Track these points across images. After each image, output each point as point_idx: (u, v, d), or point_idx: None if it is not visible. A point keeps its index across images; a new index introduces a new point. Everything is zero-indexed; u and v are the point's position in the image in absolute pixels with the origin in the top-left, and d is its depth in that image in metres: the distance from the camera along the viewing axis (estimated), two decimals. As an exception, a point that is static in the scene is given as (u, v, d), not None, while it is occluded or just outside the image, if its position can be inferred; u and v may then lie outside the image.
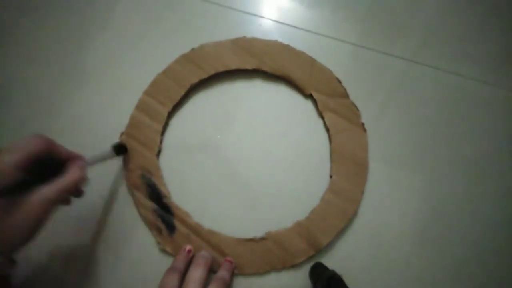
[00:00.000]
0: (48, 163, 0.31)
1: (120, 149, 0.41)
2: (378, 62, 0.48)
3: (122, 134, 0.44)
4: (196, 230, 0.40)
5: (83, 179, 0.33)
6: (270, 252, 0.40)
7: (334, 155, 0.43)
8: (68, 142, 0.37)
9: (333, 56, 0.47)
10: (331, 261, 0.39)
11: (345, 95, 0.45)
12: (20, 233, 0.28)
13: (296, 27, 0.49)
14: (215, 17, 0.49)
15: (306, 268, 0.40)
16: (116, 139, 0.43)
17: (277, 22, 0.49)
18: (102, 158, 0.38)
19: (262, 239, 0.40)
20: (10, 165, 0.28)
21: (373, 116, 0.45)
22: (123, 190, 0.43)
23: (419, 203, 0.43)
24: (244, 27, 0.49)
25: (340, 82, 0.46)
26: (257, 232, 0.41)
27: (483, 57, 0.48)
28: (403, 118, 0.46)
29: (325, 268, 0.37)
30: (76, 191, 0.36)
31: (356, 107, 0.45)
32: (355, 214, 0.41)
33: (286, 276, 0.40)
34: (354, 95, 0.45)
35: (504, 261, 0.41)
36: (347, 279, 0.35)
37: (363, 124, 0.44)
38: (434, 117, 0.46)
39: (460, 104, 0.46)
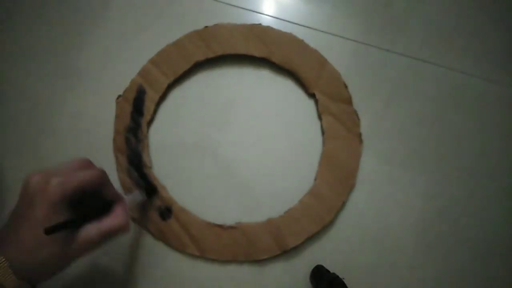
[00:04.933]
0: (93, 198, 0.30)
1: (151, 191, 0.40)
2: (380, 59, 0.46)
3: (119, 96, 0.44)
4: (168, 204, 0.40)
5: (127, 226, 0.30)
6: (236, 242, 0.39)
7: (323, 159, 0.42)
8: (67, 141, 0.38)
9: (333, 53, 0.45)
10: (332, 265, 0.39)
11: (349, 102, 0.44)
12: (52, 268, 0.28)
13: (296, 23, 0.47)
14: (214, 14, 0.47)
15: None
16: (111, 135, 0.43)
17: (277, 18, 0.47)
18: (135, 202, 0.38)
19: (231, 227, 0.39)
20: (59, 203, 0.27)
21: (375, 114, 0.44)
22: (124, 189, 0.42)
23: (422, 203, 0.42)
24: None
25: (346, 87, 0.44)
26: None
27: (487, 54, 0.46)
28: (406, 116, 0.44)
29: (326, 271, 0.37)
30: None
31: (357, 115, 0.43)
32: (331, 223, 0.40)
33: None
34: (355, 93, 0.44)
35: (508, 262, 0.40)
36: (349, 282, 0.34)
37: (360, 134, 0.43)
38: (437, 115, 0.44)
39: (464, 102, 0.45)
